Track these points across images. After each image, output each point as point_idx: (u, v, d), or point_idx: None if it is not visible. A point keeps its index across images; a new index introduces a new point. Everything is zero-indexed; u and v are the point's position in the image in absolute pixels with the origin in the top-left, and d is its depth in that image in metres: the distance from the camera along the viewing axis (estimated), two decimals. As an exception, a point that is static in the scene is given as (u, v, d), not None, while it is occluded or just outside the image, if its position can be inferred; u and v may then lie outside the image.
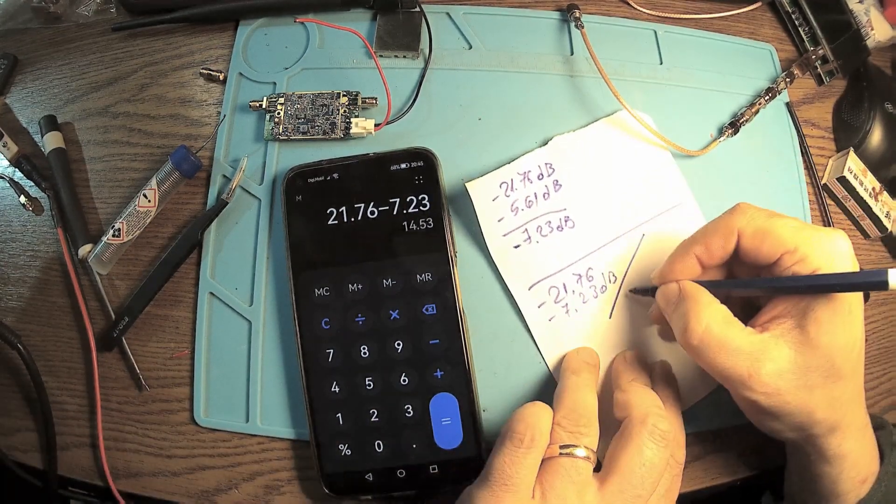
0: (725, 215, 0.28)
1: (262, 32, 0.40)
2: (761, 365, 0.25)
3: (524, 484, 0.25)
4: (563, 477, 0.25)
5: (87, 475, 0.34)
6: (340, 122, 0.36)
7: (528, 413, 0.27)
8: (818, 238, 0.26)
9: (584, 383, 0.30)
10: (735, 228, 0.27)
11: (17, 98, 0.41)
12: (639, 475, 0.25)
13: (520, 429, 0.26)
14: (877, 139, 0.40)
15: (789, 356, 0.25)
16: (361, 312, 0.32)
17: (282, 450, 0.33)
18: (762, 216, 0.27)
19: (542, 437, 0.26)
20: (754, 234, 0.27)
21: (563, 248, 0.34)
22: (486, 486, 0.25)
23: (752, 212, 0.27)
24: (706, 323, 0.26)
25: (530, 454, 0.25)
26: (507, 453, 0.26)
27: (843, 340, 0.25)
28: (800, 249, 0.26)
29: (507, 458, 0.25)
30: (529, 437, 0.26)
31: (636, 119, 0.35)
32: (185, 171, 0.36)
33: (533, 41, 0.39)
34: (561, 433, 0.27)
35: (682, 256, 0.29)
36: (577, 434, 0.27)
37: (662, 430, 0.26)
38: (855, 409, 0.27)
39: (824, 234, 0.26)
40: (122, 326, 0.34)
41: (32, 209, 0.38)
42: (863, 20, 0.40)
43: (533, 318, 0.34)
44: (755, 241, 0.27)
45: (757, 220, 0.27)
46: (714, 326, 0.26)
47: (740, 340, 0.25)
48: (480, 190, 0.34)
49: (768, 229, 0.26)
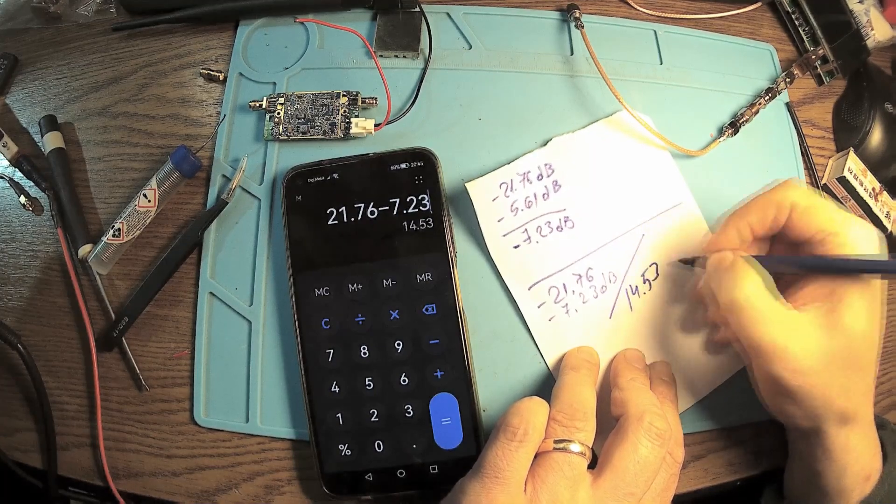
0: (780, 188, 0.28)
1: (262, 32, 0.40)
2: (794, 341, 0.26)
3: (516, 477, 0.25)
4: (555, 472, 0.25)
5: (87, 475, 0.34)
6: (340, 122, 0.36)
7: (523, 407, 0.27)
8: (859, 227, 0.27)
9: (582, 380, 0.30)
10: (789, 202, 0.28)
11: (17, 98, 0.41)
12: (633, 472, 0.26)
13: (514, 422, 0.26)
14: (877, 139, 0.40)
15: (819, 337, 0.26)
16: (361, 312, 0.32)
17: (282, 450, 0.33)
18: (812, 194, 0.28)
19: (535, 432, 0.26)
20: (805, 210, 0.27)
21: (562, 248, 0.34)
22: (477, 478, 0.25)
23: (804, 188, 0.28)
24: (750, 290, 0.27)
25: (523, 448, 0.26)
26: (499, 446, 0.26)
27: (868, 329, 0.26)
28: (841, 234, 0.27)
29: (499, 450, 0.26)
30: (523, 430, 0.26)
31: (636, 119, 0.35)
32: (185, 171, 0.36)
33: (533, 41, 0.39)
34: (556, 428, 0.27)
35: (733, 226, 0.29)
36: (572, 429, 0.27)
37: (659, 429, 0.27)
38: (866, 402, 0.28)
39: (863, 225, 0.27)
40: (122, 326, 0.34)
41: (32, 209, 0.38)
42: (863, 20, 0.40)
43: (533, 318, 0.34)
44: (804, 216, 0.27)
45: (809, 197, 0.28)
46: (758, 294, 0.26)
47: (779, 314, 0.26)
48: (480, 190, 0.34)
49: (819, 207, 0.27)
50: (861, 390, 0.27)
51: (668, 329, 0.34)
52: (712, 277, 0.29)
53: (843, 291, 0.26)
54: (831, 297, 0.26)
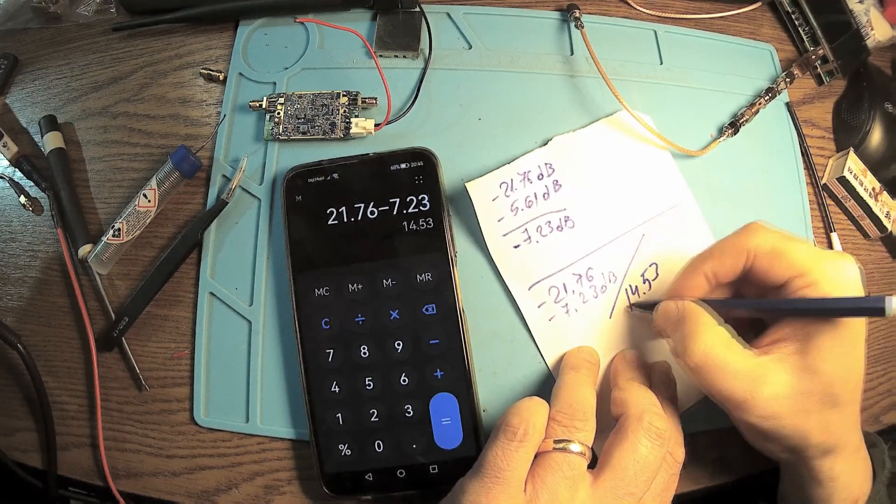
0: (739, 234, 0.27)
1: (262, 32, 0.40)
2: (759, 389, 0.25)
3: (515, 477, 0.25)
4: (555, 472, 0.25)
5: (87, 475, 0.34)
6: (340, 122, 0.36)
7: (523, 407, 0.27)
8: (829, 263, 0.25)
9: (582, 379, 0.30)
10: (748, 248, 0.27)
11: (17, 98, 0.41)
12: (632, 472, 0.25)
13: (514, 422, 0.26)
14: (877, 139, 0.40)
15: (788, 381, 0.25)
16: (361, 312, 0.32)
17: (282, 450, 0.33)
18: (776, 237, 0.27)
19: (535, 432, 0.26)
20: (767, 254, 0.26)
21: (562, 248, 0.34)
22: (477, 478, 0.25)
23: (766, 232, 0.27)
24: (706, 345, 0.26)
25: (523, 447, 0.25)
26: (499, 446, 0.26)
27: (843, 369, 0.25)
28: (810, 274, 0.25)
29: (499, 450, 0.25)
30: (523, 430, 0.26)
31: (636, 119, 0.35)
32: (185, 171, 0.36)
33: (533, 41, 0.39)
34: (556, 428, 0.27)
35: (692, 273, 0.29)
36: (572, 429, 0.26)
37: (658, 428, 0.26)
38: (849, 433, 0.27)
39: (835, 260, 0.26)
40: (122, 326, 0.34)
41: (32, 209, 0.38)
42: (863, 20, 0.40)
43: (533, 317, 0.34)
44: (767, 262, 0.26)
45: (770, 241, 0.26)
46: (714, 349, 0.26)
47: (740, 364, 0.25)
48: (480, 190, 0.34)
49: (781, 251, 0.26)
50: (842, 424, 0.26)
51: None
52: (664, 329, 0.29)
53: (814, 332, 0.25)
54: (802, 337, 0.25)
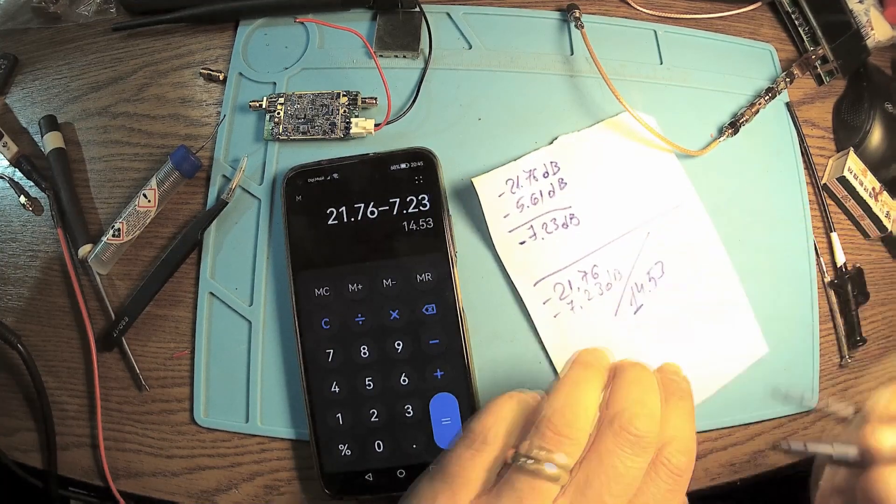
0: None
1: (262, 32, 0.40)
2: None
3: (468, 487, 0.23)
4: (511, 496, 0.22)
5: (87, 475, 0.34)
6: (340, 122, 0.36)
7: (491, 409, 0.24)
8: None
9: (590, 378, 0.24)
10: None
11: (17, 98, 0.41)
12: (597, 487, 0.21)
13: (474, 427, 0.24)
14: (877, 139, 0.40)
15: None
16: (361, 312, 0.32)
17: (282, 450, 0.33)
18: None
19: (497, 440, 0.23)
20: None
21: (568, 245, 0.34)
22: (428, 479, 0.24)
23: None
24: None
25: (479, 456, 0.23)
26: (455, 450, 0.24)
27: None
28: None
29: (454, 455, 0.23)
30: (482, 438, 0.23)
31: (636, 119, 0.35)
32: (185, 171, 0.36)
33: (533, 41, 0.39)
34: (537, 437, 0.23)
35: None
36: (555, 442, 0.22)
37: (636, 433, 0.22)
38: None
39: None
40: (122, 326, 0.34)
41: (32, 209, 0.38)
42: (863, 20, 0.40)
43: (538, 314, 0.34)
44: None
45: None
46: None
47: None
48: (486, 186, 0.34)
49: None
50: None
51: (673, 327, 0.34)
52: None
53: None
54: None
